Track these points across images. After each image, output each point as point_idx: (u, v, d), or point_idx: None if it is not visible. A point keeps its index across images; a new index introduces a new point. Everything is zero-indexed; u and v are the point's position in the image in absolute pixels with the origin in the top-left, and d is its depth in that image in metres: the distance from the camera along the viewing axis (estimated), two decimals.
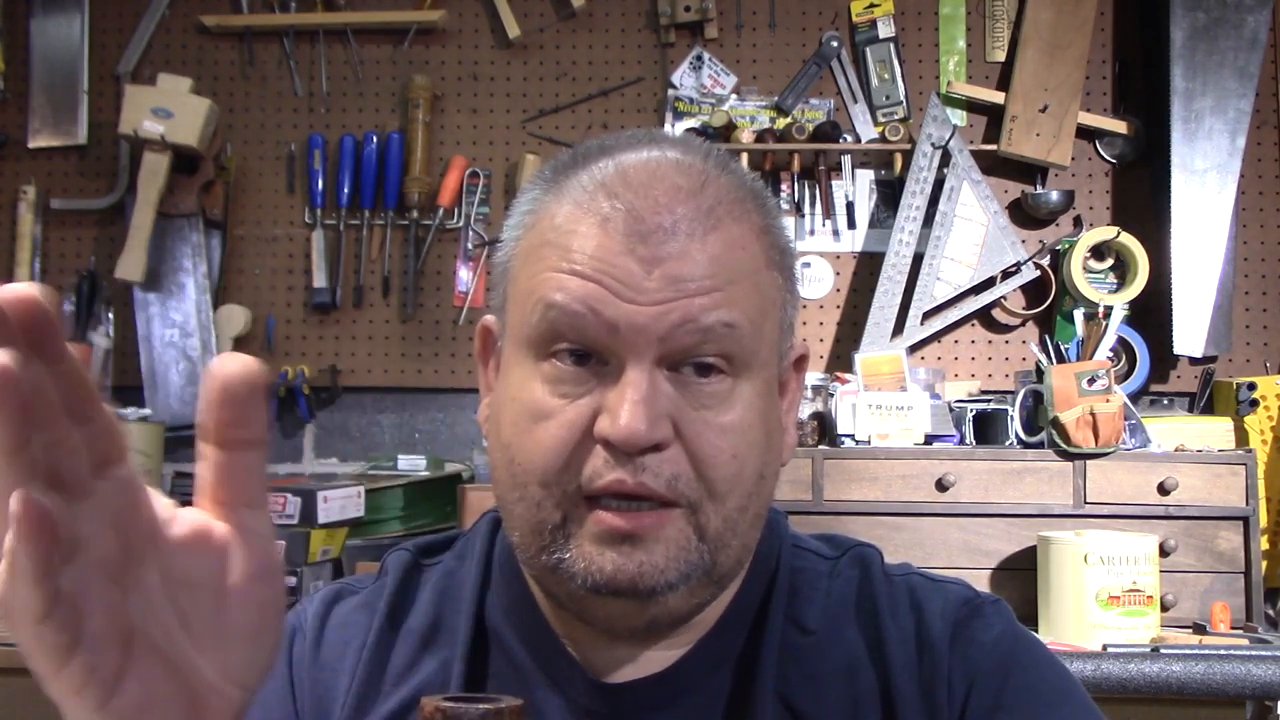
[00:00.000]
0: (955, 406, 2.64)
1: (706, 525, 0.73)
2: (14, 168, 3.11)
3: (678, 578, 0.72)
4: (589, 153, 0.78)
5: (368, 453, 2.99)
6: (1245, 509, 2.44)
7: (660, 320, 0.71)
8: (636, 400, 0.70)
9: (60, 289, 3.08)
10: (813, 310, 3.00)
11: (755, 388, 0.76)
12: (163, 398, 2.98)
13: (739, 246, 0.75)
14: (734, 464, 0.74)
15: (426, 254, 3.03)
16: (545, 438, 0.73)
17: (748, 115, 3.00)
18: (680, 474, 0.72)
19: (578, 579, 0.72)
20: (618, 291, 0.72)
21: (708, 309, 0.72)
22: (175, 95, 2.89)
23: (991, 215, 2.86)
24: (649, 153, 0.77)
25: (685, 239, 0.73)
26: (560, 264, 0.73)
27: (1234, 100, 2.85)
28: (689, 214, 0.73)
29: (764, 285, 0.77)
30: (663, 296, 0.72)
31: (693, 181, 0.75)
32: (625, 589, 0.72)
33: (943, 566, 2.40)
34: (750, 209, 0.77)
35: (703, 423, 0.73)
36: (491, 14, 3.08)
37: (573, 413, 0.73)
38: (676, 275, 0.72)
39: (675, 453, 0.72)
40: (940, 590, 0.85)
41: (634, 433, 0.70)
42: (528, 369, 0.75)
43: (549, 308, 0.73)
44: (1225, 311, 2.85)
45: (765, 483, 0.77)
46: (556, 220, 0.75)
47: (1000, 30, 3.02)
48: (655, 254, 0.72)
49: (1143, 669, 1.97)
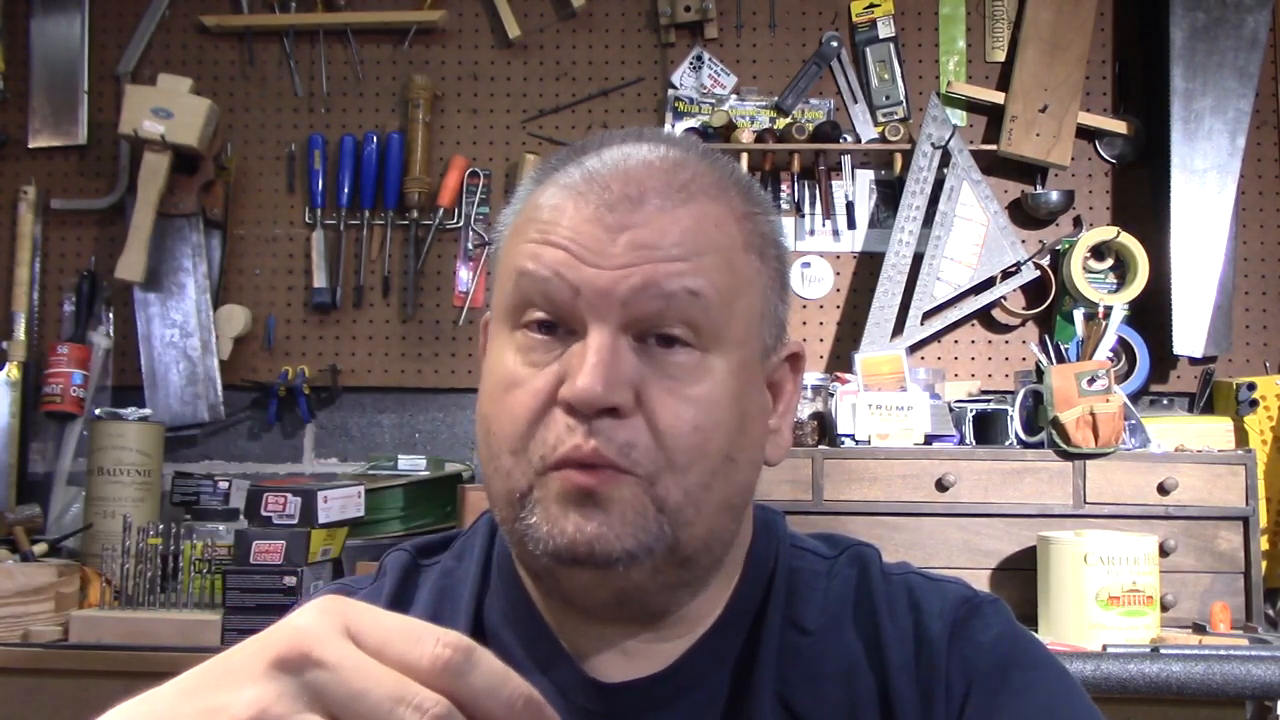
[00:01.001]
0: (955, 406, 2.64)
1: (665, 496, 0.73)
2: (14, 168, 3.11)
3: (635, 546, 0.72)
4: (579, 148, 0.80)
5: (368, 453, 2.99)
6: (1245, 509, 2.44)
7: (621, 283, 0.72)
8: (594, 362, 0.71)
9: (60, 289, 3.08)
10: (813, 310, 3.00)
11: (728, 365, 0.75)
12: (163, 398, 2.98)
13: (711, 223, 0.76)
14: (695, 435, 0.73)
15: (426, 254, 3.03)
16: (515, 405, 0.74)
17: (748, 115, 3.00)
18: (636, 443, 0.72)
19: (541, 543, 0.73)
20: (582, 256, 0.73)
21: (672, 275, 0.73)
22: (175, 95, 2.89)
23: (991, 215, 2.86)
24: (637, 143, 0.79)
25: (655, 211, 0.74)
26: (535, 236, 0.76)
27: (1234, 100, 2.85)
28: (659, 187, 0.75)
29: (738, 264, 0.77)
30: (626, 260, 0.73)
31: (669, 162, 0.77)
32: (583, 554, 0.72)
33: (943, 566, 2.40)
34: (732, 196, 0.78)
35: (665, 391, 0.73)
36: (491, 14, 3.08)
37: (540, 380, 0.74)
38: (642, 242, 0.73)
39: (635, 422, 0.72)
40: (939, 590, 0.85)
41: (589, 391, 0.70)
42: (504, 340, 0.77)
43: (521, 275, 0.75)
44: (1225, 311, 2.85)
45: (736, 468, 0.76)
46: (539, 201, 0.78)
47: (1000, 30, 3.02)
48: (622, 221, 0.74)
49: (1143, 669, 1.98)
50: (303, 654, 0.45)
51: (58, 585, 2.28)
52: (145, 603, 2.24)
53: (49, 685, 2.10)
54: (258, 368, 3.05)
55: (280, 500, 2.24)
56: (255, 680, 0.45)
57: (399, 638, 0.46)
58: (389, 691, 0.44)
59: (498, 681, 0.46)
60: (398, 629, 0.47)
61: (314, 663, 0.45)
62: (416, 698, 0.44)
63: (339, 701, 0.44)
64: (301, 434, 3.06)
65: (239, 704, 0.44)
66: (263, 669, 0.45)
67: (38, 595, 2.25)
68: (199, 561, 2.27)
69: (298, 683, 0.45)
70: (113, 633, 2.17)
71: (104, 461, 2.66)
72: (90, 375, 2.98)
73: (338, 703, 0.44)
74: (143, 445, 2.69)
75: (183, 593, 2.26)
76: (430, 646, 0.46)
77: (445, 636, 0.46)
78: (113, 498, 2.64)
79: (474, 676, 0.46)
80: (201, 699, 0.45)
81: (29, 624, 2.21)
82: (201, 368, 3.00)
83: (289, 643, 0.45)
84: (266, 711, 0.44)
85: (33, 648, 2.15)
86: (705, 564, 0.78)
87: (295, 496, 2.24)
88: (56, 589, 2.28)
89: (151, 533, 2.27)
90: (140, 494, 2.67)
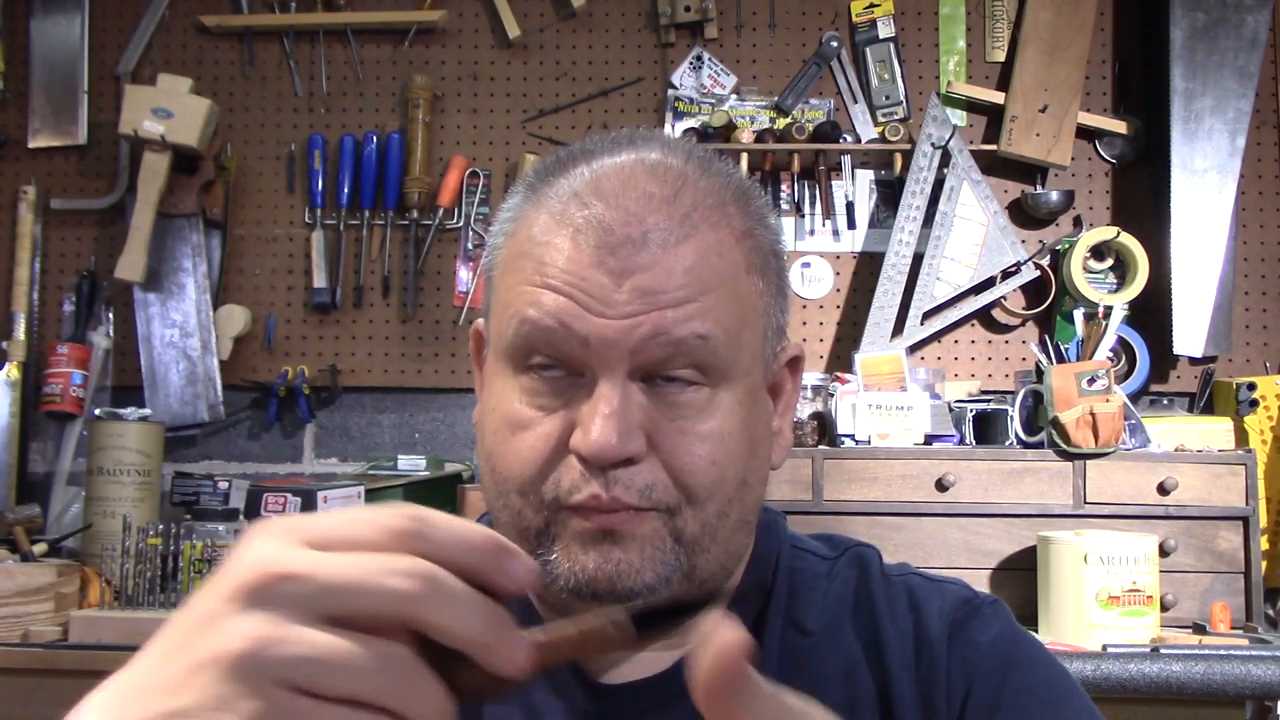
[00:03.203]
0: (955, 406, 2.64)
1: (683, 529, 0.73)
2: (14, 168, 3.11)
3: (655, 579, 0.73)
4: (570, 157, 0.78)
5: (368, 453, 2.99)
6: (1245, 509, 2.44)
7: (630, 333, 0.71)
8: (607, 414, 0.70)
9: (60, 289, 3.08)
10: (813, 310, 3.00)
11: (736, 396, 0.75)
12: (163, 398, 2.98)
13: (714, 254, 0.74)
14: (713, 470, 0.74)
15: (426, 254, 3.03)
16: (523, 448, 0.74)
17: (748, 115, 3.00)
18: (655, 483, 0.72)
19: (560, 580, 0.73)
20: (588, 305, 0.72)
21: (680, 321, 0.72)
22: (175, 95, 2.89)
23: (991, 215, 2.86)
24: (626, 156, 0.76)
25: (657, 249, 0.72)
26: (534, 277, 0.74)
27: (1234, 100, 2.85)
28: (660, 223, 0.73)
29: (743, 292, 0.76)
30: (633, 309, 0.72)
31: (667, 188, 0.74)
32: (604, 589, 0.72)
33: (942, 566, 2.40)
34: (731, 213, 0.77)
35: (679, 433, 0.73)
36: (491, 14, 3.08)
37: (549, 425, 0.73)
38: (647, 287, 0.72)
39: (650, 464, 0.72)
40: (938, 590, 0.85)
41: (604, 447, 0.70)
42: (507, 380, 0.76)
43: (523, 323, 0.74)
44: (1225, 311, 2.85)
45: (749, 489, 0.77)
46: (533, 230, 0.76)
47: (1000, 30, 3.02)
48: (625, 266, 0.72)
49: (1143, 669, 1.98)
50: (270, 574, 0.44)
51: (58, 585, 2.28)
52: (145, 603, 2.24)
53: (49, 685, 2.10)
54: (258, 368, 3.05)
55: (280, 500, 2.24)
56: (236, 615, 0.43)
57: (351, 528, 0.46)
58: (368, 570, 0.44)
59: (459, 533, 0.46)
60: (344, 522, 0.46)
61: (284, 578, 0.43)
62: (395, 565, 0.44)
63: (326, 601, 0.43)
64: (301, 434, 3.06)
65: (231, 640, 0.43)
66: (240, 603, 0.44)
67: (38, 595, 2.25)
68: (199, 562, 2.27)
69: (278, 602, 0.43)
70: (112, 633, 2.16)
71: (104, 461, 2.66)
72: (90, 375, 2.98)
73: (326, 603, 0.43)
74: (142, 445, 2.69)
75: (182, 593, 2.26)
76: (385, 522, 0.45)
77: (393, 510, 0.46)
78: (112, 498, 2.64)
79: (435, 534, 0.45)
80: (186, 654, 0.44)
81: (29, 624, 2.21)
82: (201, 368, 3.00)
83: (252, 570, 0.44)
84: (263, 637, 0.42)
85: (33, 648, 2.15)
86: (719, 580, 0.79)
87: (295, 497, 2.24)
88: (56, 589, 2.28)
89: (151, 533, 2.26)
90: (140, 494, 2.67)
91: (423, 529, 0.45)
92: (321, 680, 0.42)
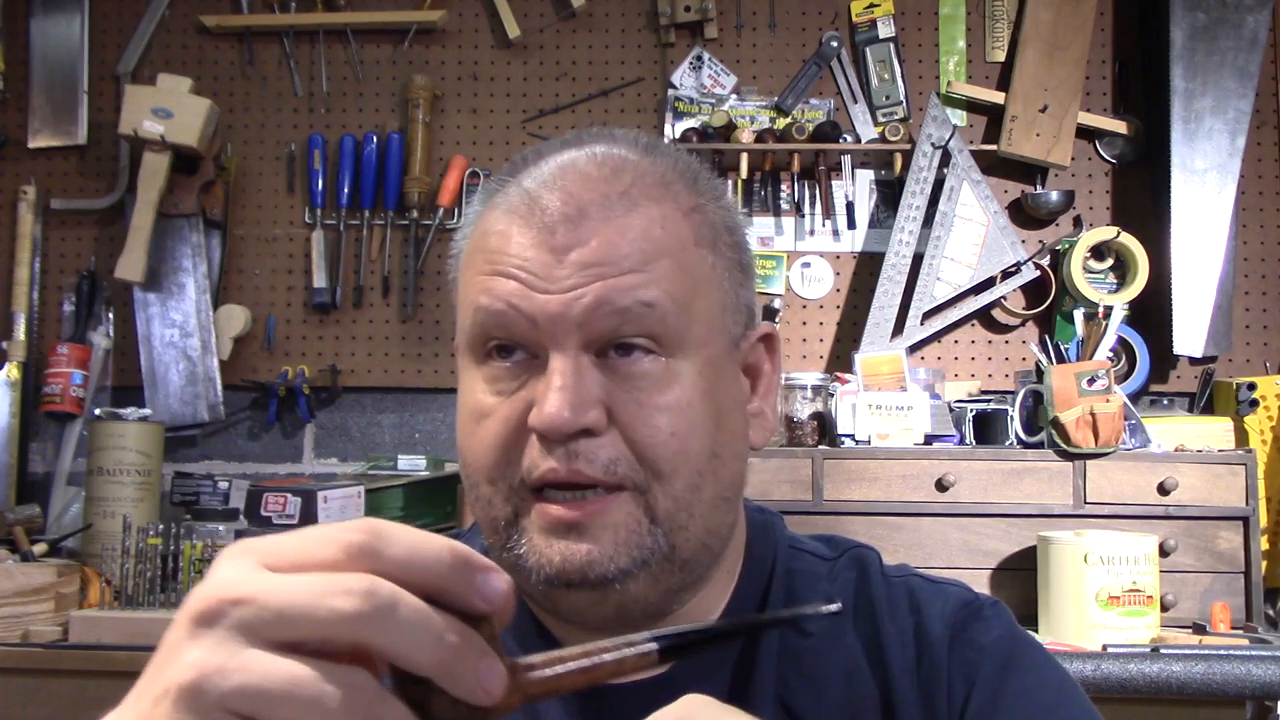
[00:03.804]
0: (955, 406, 2.64)
1: (656, 506, 0.73)
2: (14, 168, 3.11)
3: (630, 563, 0.73)
4: (523, 159, 0.80)
5: (368, 453, 2.99)
6: (1245, 509, 2.44)
7: (574, 305, 0.72)
8: (558, 387, 0.71)
9: (60, 289, 3.08)
10: (813, 310, 3.00)
11: (695, 367, 0.75)
12: (163, 398, 2.98)
13: (657, 226, 0.75)
14: (674, 442, 0.74)
15: (426, 254, 3.03)
16: (486, 435, 0.75)
17: (748, 115, 3.00)
18: (619, 457, 0.73)
19: (531, 573, 0.73)
20: (532, 284, 0.73)
21: (623, 290, 0.73)
22: (175, 95, 2.89)
23: (991, 215, 2.86)
24: (574, 151, 0.78)
25: (597, 224, 0.74)
26: (485, 267, 0.76)
27: (1234, 100, 2.85)
28: (597, 199, 0.74)
29: (690, 263, 0.76)
30: (574, 282, 0.73)
31: (606, 169, 0.76)
32: (575, 579, 0.72)
33: (942, 567, 2.40)
34: (677, 190, 0.77)
35: (636, 404, 0.73)
36: (491, 14, 3.08)
37: (508, 409, 0.74)
38: (588, 260, 0.73)
39: (611, 437, 0.73)
40: (939, 592, 0.85)
41: (556, 418, 0.70)
42: (472, 373, 0.77)
43: (477, 311, 0.75)
44: (1225, 311, 2.85)
45: (722, 463, 0.77)
46: (485, 227, 0.78)
47: (1000, 30, 3.02)
48: (565, 242, 0.73)
49: (1143, 669, 1.97)
50: (219, 600, 0.43)
51: (57, 585, 2.28)
52: (145, 603, 2.24)
53: (49, 685, 2.10)
54: (258, 368, 3.05)
55: (280, 500, 2.24)
56: (185, 646, 0.43)
57: (307, 545, 0.45)
58: (313, 592, 0.42)
59: (418, 546, 0.44)
60: (301, 539, 0.45)
61: (233, 603, 0.43)
62: (342, 584, 0.42)
63: (271, 625, 0.43)
64: (301, 434, 3.06)
65: (182, 670, 0.42)
66: (187, 632, 0.44)
67: (37, 595, 2.24)
68: (199, 561, 2.27)
69: (225, 628, 0.43)
70: (113, 633, 2.16)
71: (104, 461, 2.66)
72: (90, 375, 2.98)
73: (271, 627, 0.43)
74: (142, 445, 2.69)
75: (182, 593, 2.26)
76: (342, 538, 0.44)
77: (349, 525, 0.45)
78: (112, 498, 2.64)
79: (391, 550, 0.44)
80: (152, 685, 0.44)
81: (29, 624, 2.21)
82: (201, 368, 2.99)
83: (203, 598, 0.44)
84: (204, 665, 0.42)
85: (33, 648, 2.15)
86: (705, 562, 0.79)
87: (295, 497, 2.24)
88: (56, 589, 2.28)
89: (151, 533, 2.26)
90: (140, 494, 2.67)
91: (376, 544, 0.44)
92: (269, 709, 0.42)
